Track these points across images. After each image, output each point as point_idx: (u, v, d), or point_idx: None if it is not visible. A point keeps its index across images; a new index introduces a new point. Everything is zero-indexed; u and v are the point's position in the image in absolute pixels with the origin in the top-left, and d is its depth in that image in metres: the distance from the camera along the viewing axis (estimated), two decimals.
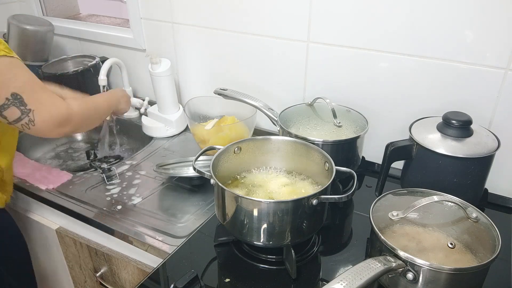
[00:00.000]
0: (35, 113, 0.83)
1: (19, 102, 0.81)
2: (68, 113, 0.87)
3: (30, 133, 0.85)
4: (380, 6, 0.98)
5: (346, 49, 1.06)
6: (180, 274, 0.75)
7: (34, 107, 0.82)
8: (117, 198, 1.05)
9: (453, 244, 0.70)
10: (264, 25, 1.15)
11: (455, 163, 0.85)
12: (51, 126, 0.85)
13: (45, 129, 0.85)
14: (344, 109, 1.07)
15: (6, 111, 0.81)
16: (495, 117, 0.95)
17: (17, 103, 0.81)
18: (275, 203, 0.75)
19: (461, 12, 0.90)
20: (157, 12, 1.34)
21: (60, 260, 1.19)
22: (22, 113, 0.82)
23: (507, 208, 0.98)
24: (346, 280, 0.59)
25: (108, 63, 1.32)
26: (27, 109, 0.82)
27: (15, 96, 0.80)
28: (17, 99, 0.81)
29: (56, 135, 0.88)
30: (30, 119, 0.83)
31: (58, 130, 0.87)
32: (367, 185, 1.08)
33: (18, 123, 0.83)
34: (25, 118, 0.82)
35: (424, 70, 0.99)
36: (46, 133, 0.86)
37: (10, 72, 0.81)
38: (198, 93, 1.38)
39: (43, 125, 0.84)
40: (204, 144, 1.16)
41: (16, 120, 0.82)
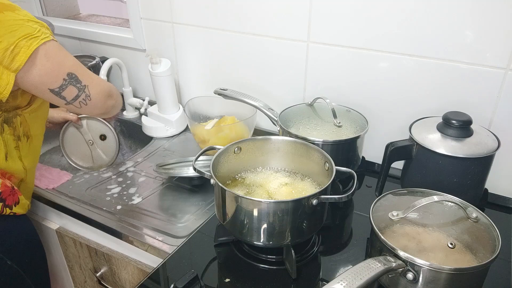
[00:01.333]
0: (90, 88, 0.88)
1: (75, 80, 0.85)
2: (110, 86, 0.94)
3: (84, 111, 0.90)
4: (380, 6, 0.98)
5: (346, 49, 1.06)
6: (180, 274, 0.75)
7: (87, 83, 0.87)
8: (117, 198, 1.05)
9: (453, 244, 0.70)
10: (264, 25, 1.16)
11: (455, 163, 0.85)
12: (103, 98, 0.92)
13: (99, 101, 0.91)
14: (344, 109, 1.07)
15: (65, 91, 0.85)
16: (495, 117, 0.95)
17: (73, 82, 0.85)
18: (275, 203, 0.75)
19: (461, 12, 0.90)
20: (157, 12, 1.34)
21: (60, 260, 1.19)
22: (79, 90, 0.86)
23: (507, 208, 0.99)
24: (346, 280, 0.59)
25: (108, 63, 1.32)
26: (82, 85, 0.86)
27: (71, 75, 0.85)
28: (73, 77, 0.85)
29: (106, 108, 0.94)
30: (87, 94, 0.88)
31: (108, 102, 0.94)
32: (367, 185, 1.09)
33: (76, 100, 0.87)
34: (82, 94, 0.87)
35: (424, 70, 0.99)
36: (99, 105, 0.91)
37: (61, 54, 0.84)
38: (198, 93, 1.38)
39: (97, 97, 0.90)
40: (204, 144, 1.16)
41: (74, 98, 0.86)
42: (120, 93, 1.10)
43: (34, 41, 0.78)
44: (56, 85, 0.83)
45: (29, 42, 0.78)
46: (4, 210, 0.90)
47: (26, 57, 0.77)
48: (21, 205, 0.95)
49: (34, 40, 0.78)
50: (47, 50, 0.81)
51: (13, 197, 0.93)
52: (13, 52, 0.76)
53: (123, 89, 1.44)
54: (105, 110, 0.95)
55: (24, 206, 0.97)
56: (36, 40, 0.79)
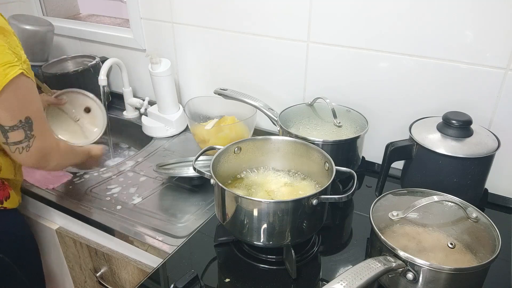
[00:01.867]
0: (35, 140, 0.83)
1: (28, 127, 0.81)
2: (54, 147, 0.89)
3: (14, 157, 0.85)
4: (380, 6, 0.98)
5: (346, 49, 1.06)
6: (180, 274, 0.75)
7: (37, 134, 0.83)
8: (117, 198, 1.05)
9: (453, 244, 0.70)
10: (264, 25, 1.15)
11: (455, 163, 0.85)
12: (39, 156, 0.86)
13: (33, 156, 0.85)
14: (344, 109, 1.07)
15: (13, 132, 0.81)
16: (495, 117, 0.95)
17: (26, 127, 0.81)
18: (275, 203, 0.75)
19: (461, 12, 0.90)
20: (157, 12, 1.34)
21: (60, 260, 1.19)
22: (25, 137, 0.82)
23: (507, 208, 0.99)
24: (346, 280, 0.59)
25: (108, 63, 1.32)
26: (31, 135, 0.82)
27: (28, 120, 0.81)
28: (28, 123, 0.81)
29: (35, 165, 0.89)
30: (28, 145, 0.83)
31: (40, 161, 0.88)
32: (367, 185, 1.09)
33: (15, 146, 0.83)
34: (25, 143, 0.83)
35: (424, 70, 0.99)
36: (31, 160, 0.86)
37: (31, 95, 0.81)
38: (198, 93, 1.38)
39: (34, 152, 0.85)
40: (204, 144, 1.16)
41: (16, 143, 0.82)
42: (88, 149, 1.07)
43: (11, 70, 0.76)
44: (9, 123, 0.79)
45: (6, 71, 0.75)
46: None
47: (1, 86, 0.75)
48: (11, 200, 0.97)
49: (11, 69, 0.76)
50: (18, 84, 0.78)
51: (3, 192, 0.95)
52: None
53: (123, 89, 1.45)
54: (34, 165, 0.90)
55: (15, 201, 0.98)
56: (14, 70, 0.76)
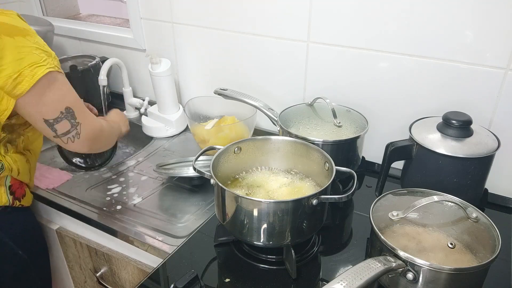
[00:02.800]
0: (82, 126, 0.87)
1: (71, 116, 0.85)
2: (101, 130, 0.94)
3: (69, 146, 0.89)
4: (380, 6, 0.98)
5: (346, 49, 1.06)
6: (180, 274, 0.75)
7: (81, 121, 0.87)
8: (117, 198, 1.05)
9: (453, 244, 0.70)
10: (264, 25, 1.15)
11: (455, 163, 0.85)
12: (91, 140, 0.91)
13: (86, 142, 0.90)
14: (344, 109, 1.07)
15: (59, 124, 0.84)
16: (495, 117, 0.95)
17: (69, 116, 0.85)
18: (275, 203, 0.75)
19: (461, 12, 0.90)
20: (157, 12, 1.34)
21: (60, 260, 1.19)
22: (71, 126, 0.86)
23: (507, 208, 0.99)
24: (346, 280, 0.59)
25: (108, 63, 1.32)
26: (76, 122, 0.86)
27: (68, 109, 0.85)
28: (70, 112, 0.85)
29: (90, 149, 0.94)
30: (77, 132, 0.87)
31: (94, 145, 0.93)
32: (367, 185, 1.09)
33: (66, 136, 0.86)
34: (73, 131, 0.87)
35: (424, 70, 0.99)
36: (85, 145, 0.91)
37: (63, 87, 0.85)
38: (198, 93, 1.38)
39: (85, 137, 0.89)
40: (204, 144, 1.16)
41: (65, 133, 0.86)
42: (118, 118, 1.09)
43: (39, 70, 0.78)
44: (52, 116, 0.83)
45: (33, 71, 0.78)
46: (14, 202, 0.95)
47: (29, 85, 0.78)
48: (27, 198, 1.00)
49: (39, 69, 0.78)
50: (50, 80, 0.81)
51: (21, 190, 0.98)
52: (16, 80, 0.77)
53: (123, 89, 1.45)
54: (88, 150, 0.94)
55: (29, 199, 1.02)
56: (41, 69, 0.79)
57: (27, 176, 0.99)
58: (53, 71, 0.81)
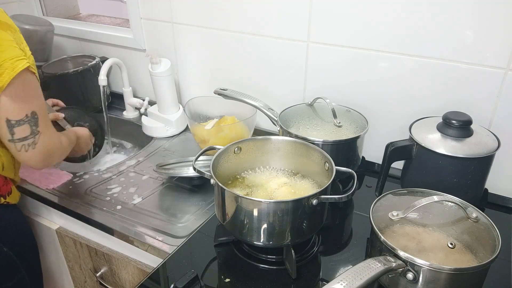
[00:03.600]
0: (41, 137, 0.84)
1: (34, 122, 0.82)
2: (58, 146, 0.90)
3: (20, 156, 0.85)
4: (380, 6, 0.98)
5: (346, 49, 1.06)
6: (180, 274, 0.75)
7: (42, 131, 0.84)
8: (117, 198, 1.05)
9: (453, 244, 0.70)
10: (264, 25, 1.15)
11: (455, 163, 0.85)
12: (44, 154, 0.86)
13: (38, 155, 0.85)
14: (344, 109, 1.07)
15: (19, 127, 0.81)
16: (495, 117, 0.95)
17: (32, 122, 0.82)
18: (275, 203, 0.75)
19: (461, 12, 0.90)
20: (157, 12, 1.34)
21: (60, 260, 1.19)
22: (31, 133, 0.82)
23: (507, 208, 0.99)
24: (346, 280, 0.59)
25: (108, 63, 1.32)
26: (37, 130, 0.83)
27: (34, 115, 0.81)
28: (34, 118, 0.82)
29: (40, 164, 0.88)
30: (34, 141, 0.83)
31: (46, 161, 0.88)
32: (367, 185, 1.09)
33: (21, 142, 0.83)
34: (31, 139, 0.83)
35: (424, 70, 0.99)
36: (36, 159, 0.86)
37: (36, 90, 0.82)
38: (198, 93, 1.38)
39: (40, 150, 0.85)
40: (204, 144, 1.16)
41: (21, 139, 0.82)
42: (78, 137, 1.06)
43: (19, 63, 0.78)
44: (16, 117, 0.80)
45: (14, 64, 0.77)
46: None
47: (10, 78, 0.76)
48: (13, 195, 0.99)
49: (20, 63, 0.78)
50: (26, 78, 0.79)
51: (6, 187, 0.96)
52: None
53: (123, 89, 1.45)
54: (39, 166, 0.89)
55: (16, 197, 1.01)
56: (22, 63, 0.78)
57: (12, 171, 0.97)
58: (30, 70, 0.80)
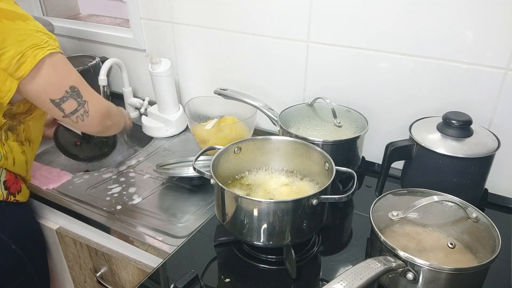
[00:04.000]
0: (89, 104, 0.88)
1: (76, 94, 0.86)
2: (109, 106, 0.94)
3: (80, 126, 0.90)
4: (380, 6, 0.98)
5: (346, 49, 1.06)
6: (180, 274, 0.75)
7: (88, 99, 0.88)
8: (117, 198, 1.05)
9: (453, 244, 0.70)
10: (264, 25, 1.15)
11: (455, 163, 0.85)
12: (101, 117, 0.92)
13: (96, 119, 0.90)
14: (344, 109, 1.07)
15: (65, 103, 0.85)
16: (495, 117, 0.95)
17: (75, 95, 0.86)
18: (275, 203, 0.75)
19: (461, 12, 0.90)
20: (157, 12, 1.34)
21: (60, 260, 1.19)
22: (78, 105, 0.87)
23: (507, 208, 0.98)
24: (346, 280, 0.59)
25: (108, 63, 1.32)
26: (82, 101, 0.87)
27: (73, 88, 0.86)
28: (75, 91, 0.86)
29: (102, 127, 0.94)
30: (85, 110, 0.88)
31: (105, 122, 0.94)
32: (367, 185, 1.09)
33: (74, 115, 0.87)
34: (81, 110, 0.87)
35: (424, 70, 0.99)
36: (96, 123, 0.91)
37: (66, 67, 0.86)
38: (198, 93, 1.38)
39: (95, 115, 0.90)
40: (204, 144, 1.16)
41: (73, 112, 0.87)
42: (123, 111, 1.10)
43: (40, 51, 0.80)
44: (58, 96, 0.84)
45: (35, 52, 0.79)
46: (9, 197, 0.95)
47: (32, 66, 0.79)
48: (23, 193, 1.00)
49: (40, 50, 0.80)
50: (53, 61, 0.82)
51: (16, 185, 0.98)
52: (19, 61, 0.78)
53: (123, 89, 1.45)
54: (101, 129, 0.95)
55: (25, 195, 1.02)
56: (43, 51, 0.80)
57: (23, 168, 0.99)
58: (54, 52, 0.82)
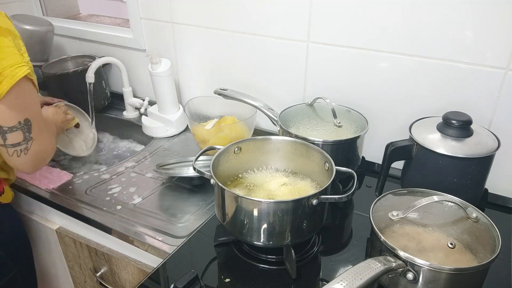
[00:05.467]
0: (34, 143, 0.84)
1: (27, 129, 0.82)
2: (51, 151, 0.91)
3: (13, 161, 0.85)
4: (380, 6, 0.98)
5: (346, 49, 1.06)
6: (180, 274, 0.75)
7: (35, 137, 0.84)
8: (117, 198, 1.05)
9: (453, 244, 0.70)
10: (264, 25, 1.15)
11: (455, 163, 0.85)
12: (36, 160, 0.87)
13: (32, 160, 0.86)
14: (344, 109, 1.07)
15: (11, 134, 0.81)
16: (495, 117, 0.95)
17: (25, 129, 0.82)
18: (275, 203, 0.75)
19: (461, 12, 0.90)
20: (157, 12, 1.34)
21: (60, 260, 1.19)
22: (24, 139, 0.83)
23: (507, 208, 0.99)
24: (346, 280, 0.59)
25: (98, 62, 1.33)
26: (29, 137, 0.83)
27: (27, 122, 0.82)
28: (27, 125, 0.82)
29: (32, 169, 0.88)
30: (27, 147, 0.84)
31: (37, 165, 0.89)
32: (367, 185, 1.09)
33: (13, 148, 0.83)
34: (23, 145, 0.83)
35: (424, 70, 0.99)
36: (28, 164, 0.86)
37: (33, 97, 0.83)
38: (198, 93, 1.38)
39: (32, 156, 0.85)
40: (204, 144, 1.16)
41: (14, 145, 0.82)
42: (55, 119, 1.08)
43: (19, 70, 0.78)
44: (9, 124, 0.80)
45: (14, 72, 0.77)
46: None
47: (9, 86, 0.77)
48: (6, 195, 0.99)
49: (19, 70, 0.78)
50: (24, 85, 0.80)
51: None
52: None
53: (123, 89, 1.45)
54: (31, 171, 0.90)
55: (9, 196, 1.01)
56: (22, 70, 0.78)
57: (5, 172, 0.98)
58: (28, 76, 0.80)
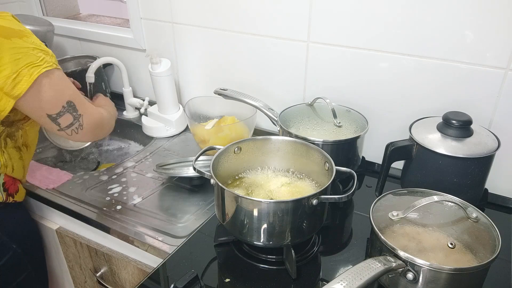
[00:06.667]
0: (84, 118, 0.91)
1: (72, 109, 0.89)
2: (101, 118, 0.97)
3: (74, 138, 0.93)
4: (380, 6, 0.98)
5: (346, 49, 1.06)
6: (180, 274, 0.75)
7: (83, 112, 0.90)
8: (117, 198, 1.05)
9: (453, 244, 0.70)
10: (264, 25, 1.15)
11: (455, 163, 0.85)
12: (93, 129, 0.94)
13: (89, 131, 0.94)
14: (344, 109, 1.07)
15: (61, 118, 0.87)
16: (495, 117, 0.95)
17: (71, 110, 0.88)
18: (275, 203, 0.75)
19: (461, 12, 0.90)
20: (157, 12, 1.34)
21: (60, 260, 1.19)
22: (74, 119, 0.89)
23: (507, 208, 0.99)
24: (346, 280, 0.59)
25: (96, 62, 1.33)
26: (78, 114, 0.90)
27: (70, 103, 0.88)
28: (71, 106, 0.88)
29: (94, 137, 0.98)
30: (80, 124, 0.91)
31: (97, 133, 0.97)
32: (367, 185, 1.09)
33: (69, 128, 0.90)
34: (76, 123, 0.90)
35: (424, 70, 0.99)
36: (89, 135, 0.95)
37: (62, 83, 0.88)
38: (198, 93, 1.38)
39: (88, 128, 0.92)
40: (204, 144, 1.16)
41: (68, 126, 0.89)
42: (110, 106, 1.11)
43: (36, 69, 0.81)
44: (55, 111, 0.86)
45: (31, 71, 0.80)
46: (8, 199, 0.97)
47: (28, 85, 0.80)
48: (20, 193, 1.02)
49: (36, 69, 0.81)
50: (49, 78, 0.83)
51: (14, 186, 1.00)
52: (15, 80, 0.79)
53: (123, 89, 1.45)
54: (92, 139, 1.00)
55: (22, 194, 1.03)
56: (38, 69, 0.81)
57: (21, 173, 1.01)
58: (51, 69, 0.83)
